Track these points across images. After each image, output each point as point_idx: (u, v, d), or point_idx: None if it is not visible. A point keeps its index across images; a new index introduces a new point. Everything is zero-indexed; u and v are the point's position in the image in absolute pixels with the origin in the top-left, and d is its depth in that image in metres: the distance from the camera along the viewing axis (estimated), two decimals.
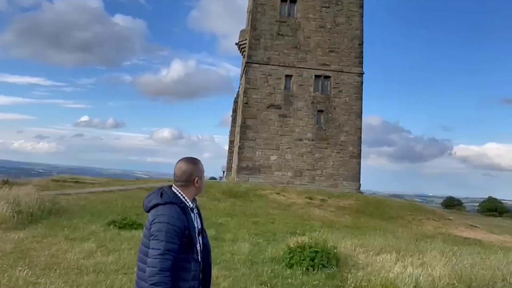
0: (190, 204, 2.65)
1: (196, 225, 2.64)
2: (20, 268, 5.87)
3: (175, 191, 2.65)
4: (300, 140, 26.86)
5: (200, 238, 2.67)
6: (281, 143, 26.77)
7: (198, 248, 2.62)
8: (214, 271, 6.76)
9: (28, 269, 5.84)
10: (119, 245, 8.02)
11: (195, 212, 2.71)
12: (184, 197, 2.64)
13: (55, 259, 6.65)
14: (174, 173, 2.70)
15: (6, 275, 5.52)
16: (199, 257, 2.63)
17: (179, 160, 2.74)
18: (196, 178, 2.68)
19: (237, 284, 6.26)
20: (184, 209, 2.57)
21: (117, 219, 10.29)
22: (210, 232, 9.98)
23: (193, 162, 2.72)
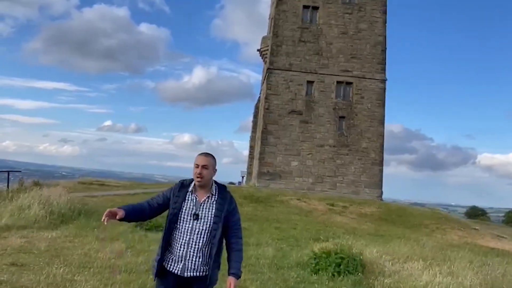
0: (190, 187, 3.09)
1: (186, 206, 3.03)
2: (56, 266, 6.07)
3: None
4: (321, 146, 26.79)
5: (193, 219, 3.00)
6: (302, 149, 26.75)
7: (180, 225, 3.01)
8: (242, 275, 6.85)
9: (64, 267, 6.04)
10: (147, 246, 8.20)
11: (194, 198, 3.08)
12: (193, 182, 3.11)
13: (88, 258, 6.84)
14: None
15: (44, 272, 5.73)
16: (168, 228, 3.04)
17: None
18: None
19: (264, 287, 6.31)
20: (181, 187, 3.10)
21: (143, 222, 10.48)
22: None
23: None
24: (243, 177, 37.33)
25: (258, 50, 31.56)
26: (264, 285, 6.46)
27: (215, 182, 3.21)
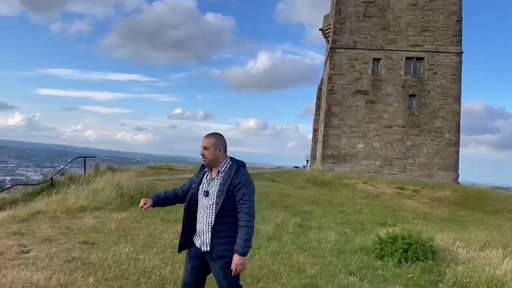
0: (205, 168, 3.33)
1: (202, 185, 3.28)
2: (123, 245, 6.38)
3: None
4: (390, 127, 25.48)
5: (204, 195, 3.22)
6: (369, 130, 25.68)
7: (198, 202, 3.26)
8: (301, 257, 6.70)
9: (130, 246, 6.33)
10: None
11: (209, 177, 3.29)
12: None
13: (153, 238, 7.12)
14: None
15: (111, 250, 6.05)
16: (189, 206, 3.31)
17: None
18: None
19: (324, 271, 6.09)
20: (201, 168, 3.39)
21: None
22: (295, 219, 10.00)
23: None
24: (307, 160, 36.97)
25: (320, 29, 30.64)
26: (324, 269, 6.25)
27: (232, 159, 3.34)
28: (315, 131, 32.92)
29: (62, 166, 16.34)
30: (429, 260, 6.92)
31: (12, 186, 15.57)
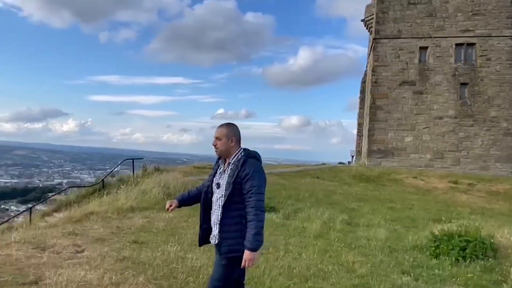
0: (220, 160, 3.24)
1: (216, 177, 3.20)
2: (171, 244, 6.48)
3: None
4: (440, 118, 24.25)
5: (216, 188, 3.14)
6: (417, 122, 24.59)
7: (207, 191, 3.20)
8: (350, 256, 6.48)
9: (177, 245, 6.41)
10: None
11: (221, 168, 3.21)
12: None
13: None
14: None
15: (160, 249, 6.15)
16: (205, 199, 3.22)
17: None
18: None
19: (375, 271, 5.85)
20: (217, 161, 3.30)
21: None
22: (342, 217, 9.73)
23: None
24: (352, 156, 36.08)
25: (362, 20, 29.79)
26: (376, 269, 6.00)
27: (245, 150, 3.20)
28: (359, 125, 32.08)
29: (112, 169, 17.04)
30: (489, 259, 6.49)
31: (67, 188, 16.45)
